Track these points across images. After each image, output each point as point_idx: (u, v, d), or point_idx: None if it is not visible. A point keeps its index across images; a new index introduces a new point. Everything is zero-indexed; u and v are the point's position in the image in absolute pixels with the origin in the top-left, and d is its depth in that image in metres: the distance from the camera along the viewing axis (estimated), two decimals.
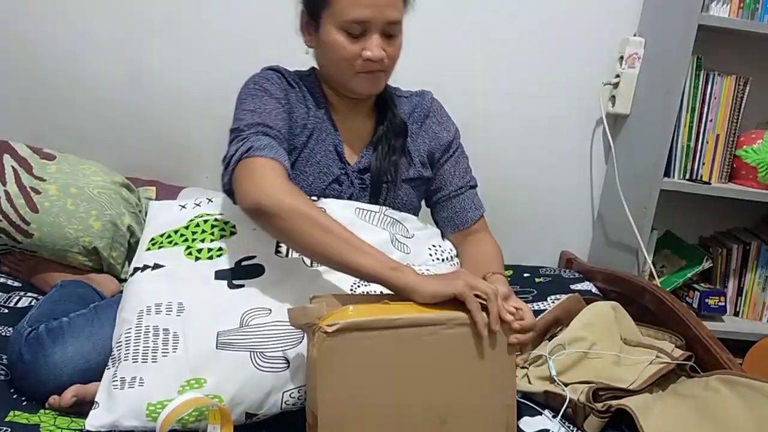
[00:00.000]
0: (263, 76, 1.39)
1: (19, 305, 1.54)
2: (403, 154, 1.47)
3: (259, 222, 1.17)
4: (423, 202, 1.57)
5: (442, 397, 1.08)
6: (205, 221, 1.34)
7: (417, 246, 1.40)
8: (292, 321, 1.04)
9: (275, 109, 1.32)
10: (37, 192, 1.63)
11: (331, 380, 1.02)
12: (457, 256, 1.46)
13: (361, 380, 1.03)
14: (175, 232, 1.35)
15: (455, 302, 1.10)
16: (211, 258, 1.28)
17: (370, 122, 1.48)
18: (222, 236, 1.30)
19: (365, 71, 1.33)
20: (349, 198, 1.43)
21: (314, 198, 1.38)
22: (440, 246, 1.45)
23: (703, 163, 2.00)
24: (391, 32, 1.32)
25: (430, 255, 1.42)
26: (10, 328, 1.39)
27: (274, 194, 1.13)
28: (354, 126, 1.46)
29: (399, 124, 1.46)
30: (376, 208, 1.40)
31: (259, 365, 1.13)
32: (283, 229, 1.13)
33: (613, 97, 2.12)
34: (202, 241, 1.31)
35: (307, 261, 1.27)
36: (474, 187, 1.54)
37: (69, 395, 1.15)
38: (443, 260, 1.42)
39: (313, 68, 1.47)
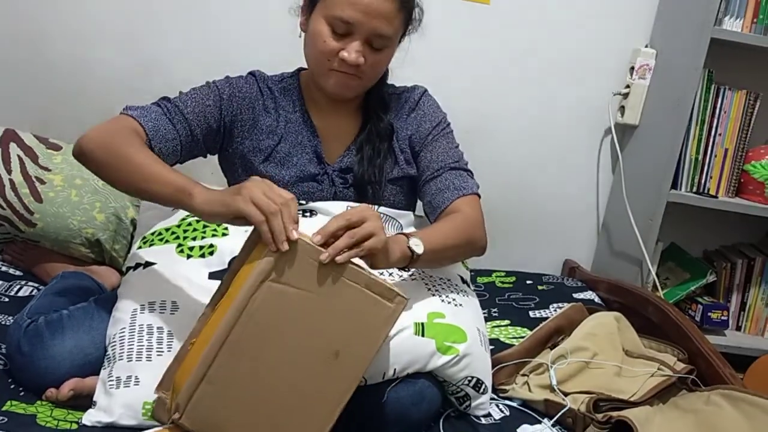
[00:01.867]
0: (230, 81, 1.40)
1: (20, 294, 1.53)
2: (389, 155, 1.44)
3: (81, 163, 1.22)
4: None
5: (315, 342, 1.03)
6: (197, 221, 1.34)
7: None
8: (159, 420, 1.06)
9: (199, 96, 1.34)
10: (42, 182, 1.63)
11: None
12: None
13: (249, 393, 1.02)
14: (167, 230, 1.35)
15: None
16: (203, 256, 1.28)
17: (356, 122, 1.46)
18: (213, 235, 1.29)
19: (338, 70, 1.31)
20: (333, 197, 1.42)
21: (302, 202, 1.36)
22: None
23: (711, 177, 2.00)
24: (376, 44, 1.31)
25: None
26: (10, 317, 1.38)
27: (91, 135, 1.20)
28: (336, 124, 1.44)
29: (385, 127, 1.43)
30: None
31: None
32: (91, 165, 1.20)
33: (623, 107, 2.11)
34: (194, 239, 1.30)
35: None
36: (456, 168, 1.41)
37: (66, 389, 1.15)
38: None
39: (298, 69, 1.47)
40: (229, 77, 1.42)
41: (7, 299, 1.49)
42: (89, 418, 1.10)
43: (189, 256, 1.28)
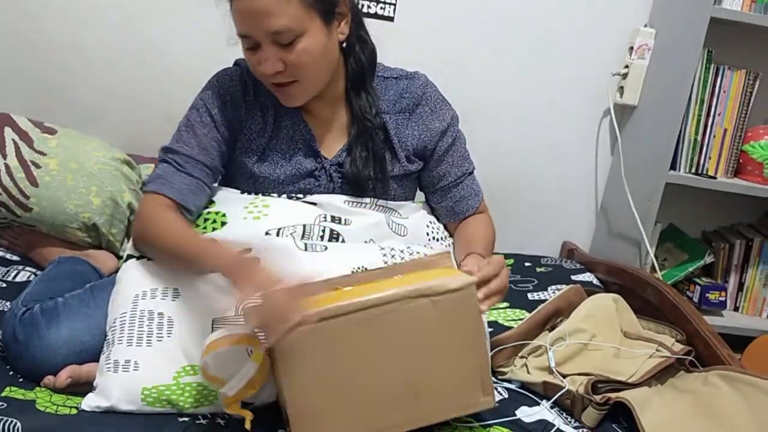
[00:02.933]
0: (212, 84, 1.35)
1: (17, 279, 1.53)
2: (387, 152, 1.38)
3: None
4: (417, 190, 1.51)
5: (412, 370, 1.07)
6: (198, 215, 1.32)
7: (413, 226, 1.37)
8: (247, 324, 1.02)
9: (195, 129, 1.31)
10: (38, 166, 1.61)
11: (296, 377, 1.01)
12: (451, 236, 1.44)
13: (327, 370, 1.03)
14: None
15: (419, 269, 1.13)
16: None
17: (345, 113, 1.38)
18: (214, 228, 1.28)
19: (273, 84, 1.26)
20: (332, 192, 1.37)
21: (299, 195, 1.34)
22: (436, 224, 1.43)
23: (710, 158, 1.99)
24: (281, 41, 1.19)
25: (427, 234, 1.39)
26: (7, 303, 1.38)
27: (134, 231, 1.29)
28: (325, 118, 1.37)
29: (374, 126, 1.34)
30: (367, 199, 1.36)
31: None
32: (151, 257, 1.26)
33: (622, 87, 2.10)
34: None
35: (300, 244, 1.22)
36: (472, 172, 1.47)
37: (64, 376, 1.14)
38: (438, 239, 1.40)
39: None
40: (211, 84, 1.35)
41: (4, 284, 1.49)
42: (88, 402, 1.10)
43: None
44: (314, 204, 1.33)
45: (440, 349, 1.08)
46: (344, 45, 1.33)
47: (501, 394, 1.31)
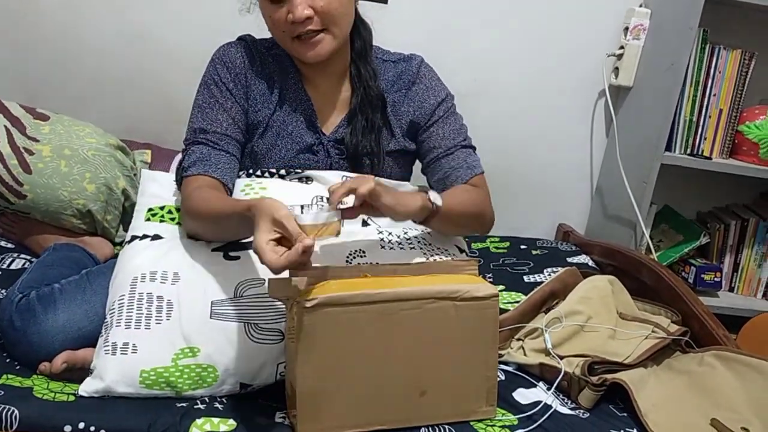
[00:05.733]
0: (219, 59, 1.36)
1: (12, 267, 1.52)
2: (384, 126, 1.41)
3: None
4: (415, 171, 1.52)
5: (422, 369, 1.09)
6: None
7: None
8: (271, 293, 1.03)
9: (219, 103, 1.33)
10: (31, 153, 1.60)
11: (310, 355, 1.02)
12: None
13: (340, 354, 1.04)
14: (177, 209, 1.35)
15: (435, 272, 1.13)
16: None
17: (346, 89, 1.42)
18: None
19: (298, 36, 1.28)
20: (329, 168, 1.39)
21: (298, 170, 1.36)
22: None
23: (705, 138, 1.99)
24: None
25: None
26: (3, 290, 1.37)
27: (183, 217, 1.29)
28: (328, 93, 1.41)
29: (375, 96, 1.39)
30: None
31: (254, 337, 1.13)
32: (202, 238, 1.27)
33: (617, 68, 2.09)
34: None
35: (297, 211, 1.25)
36: (467, 147, 1.44)
37: (59, 362, 1.14)
38: None
39: None
40: (216, 58, 1.37)
41: None
42: (86, 387, 1.10)
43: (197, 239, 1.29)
44: (311, 180, 1.33)
45: (454, 352, 1.10)
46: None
47: (498, 377, 1.32)
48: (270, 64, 1.39)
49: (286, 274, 1.06)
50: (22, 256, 1.58)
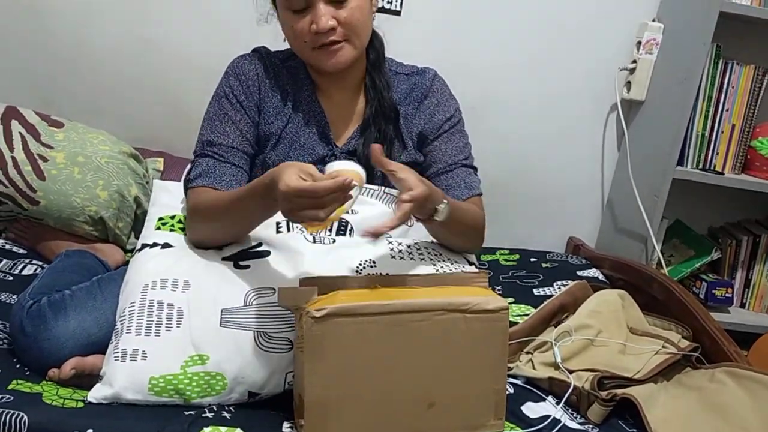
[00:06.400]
0: (233, 71, 1.38)
1: (24, 273, 1.53)
2: (396, 138, 1.42)
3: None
4: None
5: (430, 381, 1.08)
6: None
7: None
8: (280, 301, 1.04)
9: (228, 116, 1.34)
10: (45, 159, 1.62)
11: (319, 365, 1.02)
12: None
13: (349, 365, 1.04)
14: (186, 218, 1.36)
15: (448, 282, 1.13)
16: (219, 248, 1.29)
17: (360, 101, 1.43)
18: None
19: (319, 46, 1.28)
20: None
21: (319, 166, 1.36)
22: None
23: (717, 153, 1.98)
24: None
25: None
26: (14, 296, 1.38)
27: (189, 226, 1.32)
28: (341, 104, 1.42)
29: (389, 107, 1.40)
30: (375, 186, 1.38)
31: (263, 345, 1.13)
32: (210, 244, 1.29)
33: (629, 82, 2.09)
34: None
35: (309, 237, 1.27)
36: (468, 166, 1.44)
37: (68, 368, 1.15)
38: None
39: None
40: (230, 70, 1.38)
41: (11, 278, 1.49)
42: (95, 394, 1.10)
43: (207, 247, 1.30)
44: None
45: (463, 365, 1.10)
46: None
47: (507, 390, 1.31)
48: (284, 76, 1.40)
49: (296, 283, 1.06)
50: (34, 261, 1.59)
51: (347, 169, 1.08)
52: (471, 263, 1.40)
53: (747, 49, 2.00)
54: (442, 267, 1.30)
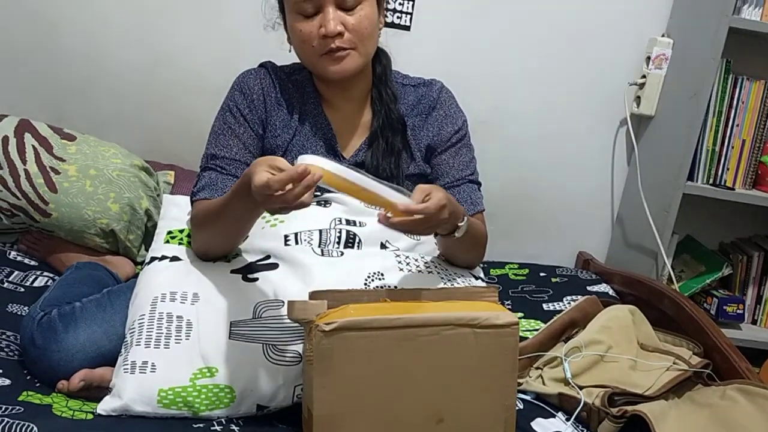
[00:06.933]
0: (238, 86, 1.39)
1: (35, 284, 1.54)
2: (404, 150, 1.42)
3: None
4: None
5: (440, 396, 1.08)
6: None
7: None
8: (290, 315, 1.04)
9: (232, 129, 1.35)
10: (57, 172, 1.63)
11: (328, 378, 1.02)
12: None
13: (358, 379, 1.04)
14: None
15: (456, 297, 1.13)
16: (228, 261, 1.30)
17: (367, 113, 1.43)
18: None
19: (327, 52, 1.29)
20: None
21: (317, 193, 1.36)
22: None
23: (728, 169, 1.97)
24: (346, 5, 1.27)
25: (436, 243, 1.40)
26: (26, 307, 1.39)
27: (193, 238, 1.32)
28: (348, 116, 1.42)
29: (396, 119, 1.40)
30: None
31: (272, 358, 1.13)
32: (210, 255, 1.30)
33: (639, 97, 2.09)
34: None
35: (317, 250, 1.27)
36: (474, 182, 1.46)
37: (77, 380, 1.15)
38: None
39: None
40: (235, 85, 1.40)
41: (22, 289, 1.50)
42: (104, 406, 1.10)
43: (215, 260, 1.30)
44: (329, 204, 1.34)
45: (472, 380, 1.09)
46: None
47: (516, 406, 1.30)
48: (290, 89, 1.41)
49: (305, 296, 1.06)
50: (45, 273, 1.60)
51: (313, 163, 1.04)
52: (477, 278, 1.40)
53: (757, 64, 2.00)
54: (449, 281, 1.30)
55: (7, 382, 1.16)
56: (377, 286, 1.21)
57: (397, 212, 1.09)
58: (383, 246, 1.33)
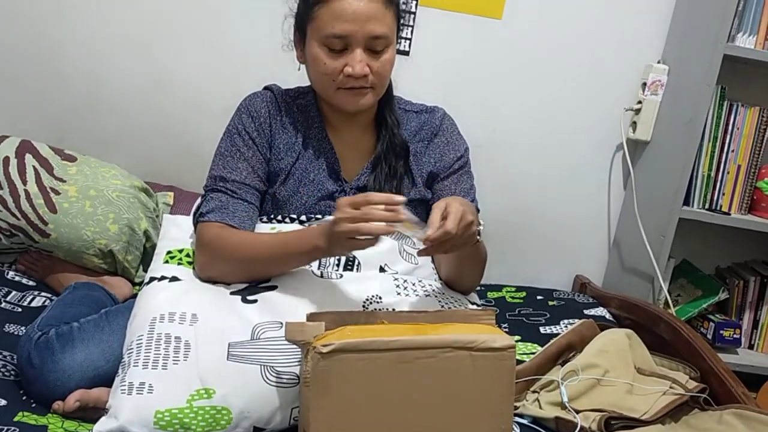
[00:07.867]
0: (245, 108, 1.40)
1: (33, 305, 1.54)
2: (406, 175, 1.43)
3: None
4: None
5: (436, 418, 1.08)
6: None
7: (423, 259, 1.40)
8: (288, 336, 1.04)
9: (240, 152, 1.36)
10: (57, 193, 1.64)
11: (325, 400, 1.02)
12: None
13: (355, 401, 1.04)
14: (194, 252, 1.37)
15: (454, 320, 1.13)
16: (227, 283, 1.30)
17: (370, 138, 1.44)
18: None
19: (347, 87, 1.31)
20: None
21: (318, 216, 1.37)
22: None
23: (723, 194, 1.99)
24: (375, 47, 1.29)
25: (433, 268, 1.42)
26: (23, 328, 1.39)
27: (200, 262, 1.31)
28: (352, 141, 1.43)
29: (399, 144, 1.42)
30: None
31: (269, 380, 1.13)
32: (227, 279, 1.30)
33: (635, 123, 2.11)
34: None
35: (317, 272, 1.27)
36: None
37: (72, 400, 1.15)
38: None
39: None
40: (243, 107, 1.41)
41: (20, 309, 1.50)
42: (100, 427, 1.09)
43: (215, 282, 1.30)
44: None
45: (468, 403, 1.09)
46: None
47: (513, 429, 1.30)
48: (295, 113, 1.42)
49: (303, 318, 1.07)
50: (43, 293, 1.60)
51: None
52: (473, 303, 1.41)
53: (751, 91, 2.02)
54: (446, 305, 1.30)
55: (3, 402, 1.16)
56: (375, 309, 1.21)
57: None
58: (382, 269, 1.34)
